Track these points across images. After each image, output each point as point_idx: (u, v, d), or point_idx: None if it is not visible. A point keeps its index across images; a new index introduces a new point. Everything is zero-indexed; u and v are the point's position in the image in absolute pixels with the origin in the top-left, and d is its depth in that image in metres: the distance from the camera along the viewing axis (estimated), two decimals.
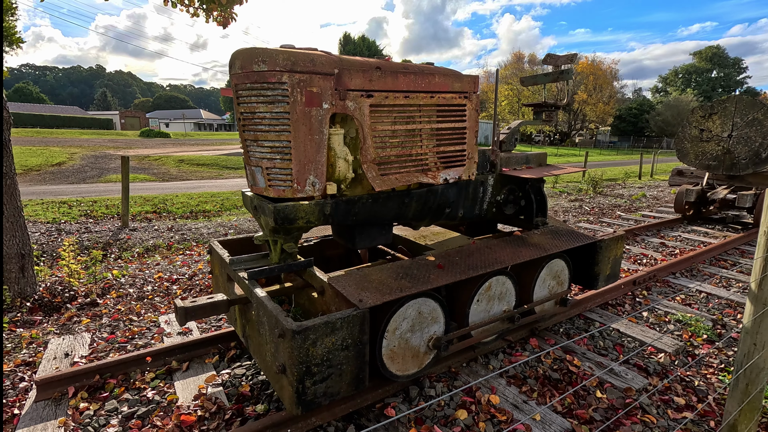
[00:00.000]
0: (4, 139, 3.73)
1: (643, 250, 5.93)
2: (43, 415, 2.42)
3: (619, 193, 12.53)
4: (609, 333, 3.52)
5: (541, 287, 3.28)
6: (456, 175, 3.01)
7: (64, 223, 7.88)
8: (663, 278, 4.77)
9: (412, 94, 2.67)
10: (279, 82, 2.18)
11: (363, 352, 2.16)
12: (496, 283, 2.96)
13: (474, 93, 3.00)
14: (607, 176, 18.53)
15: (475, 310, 2.88)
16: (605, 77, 51.55)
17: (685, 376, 2.99)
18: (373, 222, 2.77)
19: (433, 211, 3.03)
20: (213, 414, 2.43)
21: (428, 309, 2.60)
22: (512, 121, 4.02)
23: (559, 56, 4.02)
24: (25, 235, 4.01)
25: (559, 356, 3.11)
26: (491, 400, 2.59)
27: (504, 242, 3.16)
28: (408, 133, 2.70)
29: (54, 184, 13.56)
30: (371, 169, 2.53)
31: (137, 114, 66.38)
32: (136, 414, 2.43)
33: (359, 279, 2.41)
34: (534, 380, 2.83)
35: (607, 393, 2.72)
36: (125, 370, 2.84)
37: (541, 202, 3.69)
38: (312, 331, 1.96)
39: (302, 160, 2.31)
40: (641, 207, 10.00)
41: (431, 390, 2.69)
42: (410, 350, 2.57)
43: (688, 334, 3.55)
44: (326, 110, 2.33)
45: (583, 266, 3.56)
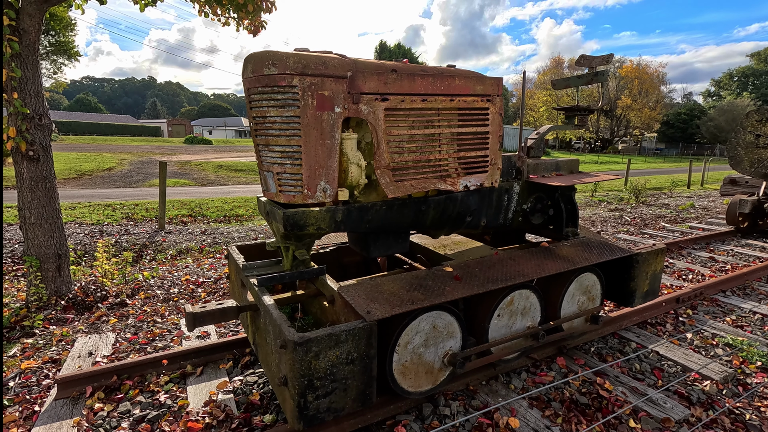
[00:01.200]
0: (43, 146, 3.93)
1: (689, 264, 5.49)
2: (60, 414, 2.48)
3: (664, 203, 11.79)
4: (647, 355, 3.23)
5: (569, 303, 3.06)
6: (478, 182, 2.87)
7: (107, 225, 8.28)
8: (711, 296, 4.37)
9: (431, 98, 2.56)
10: (289, 85, 2.14)
11: (370, 367, 2.06)
12: (519, 297, 2.78)
13: (497, 96, 2.86)
14: (651, 185, 17.55)
15: (496, 325, 2.71)
16: (651, 81, 49.19)
17: (735, 407, 2.68)
18: (387, 230, 2.68)
19: (453, 220, 2.89)
20: (220, 422, 2.39)
21: (443, 323, 2.46)
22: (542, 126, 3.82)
23: (594, 57, 3.79)
24: (62, 236, 4.20)
25: (588, 378, 2.88)
26: (510, 424, 2.41)
27: (529, 254, 2.97)
28: (426, 137, 2.59)
29: (103, 188, 14.38)
30: (385, 175, 2.43)
31: (183, 122, 69.72)
32: (146, 418, 2.44)
33: (370, 289, 2.32)
34: (559, 404, 2.62)
35: (641, 423, 2.47)
36: (142, 372, 2.87)
37: (572, 212, 3.47)
38: (315, 344, 1.88)
39: (313, 165, 2.25)
40: (689, 218, 9.34)
41: (446, 409, 2.54)
42: (423, 366, 2.44)
43: (739, 360, 3.21)
44: (338, 114, 2.26)
45: (617, 281, 3.30)
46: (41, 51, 17.09)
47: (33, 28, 3.77)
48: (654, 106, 49.48)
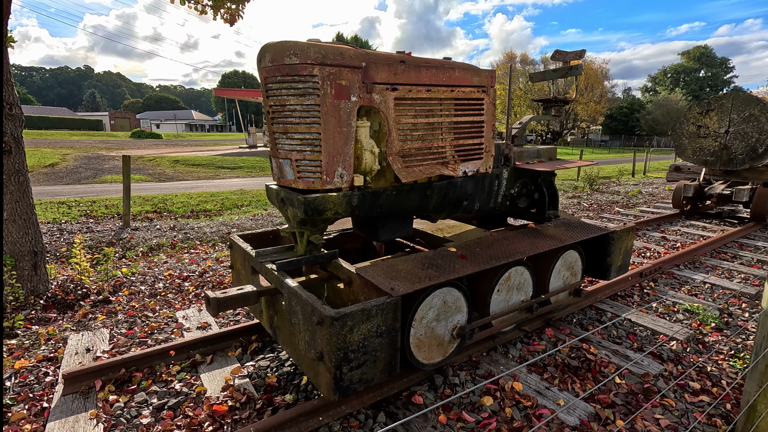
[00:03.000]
0: (14, 137, 3.72)
1: (646, 243, 6.05)
2: (72, 408, 2.43)
3: (615, 190, 12.70)
4: (621, 323, 3.60)
5: (556, 278, 3.35)
6: (474, 168, 3.06)
7: (65, 223, 7.82)
8: (668, 270, 4.87)
9: (434, 88, 2.72)
10: (310, 74, 2.22)
11: (395, 339, 2.20)
12: (515, 273, 3.02)
13: (491, 87, 3.06)
14: (601, 174, 18.76)
15: (496, 300, 2.94)
16: (596, 77, 52.07)
17: (698, 362, 3.07)
18: (395, 214, 2.81)
19: (452, 204, 3.08)
20: (243, 404, 2.46)
21: (453, 298, 2.65)
22: (523, 117, 4.09)
23: (568, 53, 4.10)
24: (37, 232, 3.99)
25: (575, 345, 3.18)
26: (515, 387, 2.65)
27: (521, 234, 3.22)
28: (429, 126, 2.75)
29: (49, 185, 13.40)
30: (396, 161, 2.57)
31: (127, 115, 65.68)
32: (166, 405, 2.45)
33: (387, 269, 2.45)
34: (554, 368, 2.89)
35: (625, 379, 2.79)
36: (150, 363, 2.85)
37: (553, 196, 3.76)
38: (349, 318, 1.99)
39: (331, 152, 2.34)
40: (638, 203, 10.16)
41: (455, 378, 2.74)
42: (435, 339, 2.62)
43: (697, 322, 3.65)
44: (354, 103, 2.37)
45: (595, 257, 3.63)
46: None
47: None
48: (599, 100, 52.46)
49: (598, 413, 2.45)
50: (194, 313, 3.71)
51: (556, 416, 2.41)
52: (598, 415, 2.44)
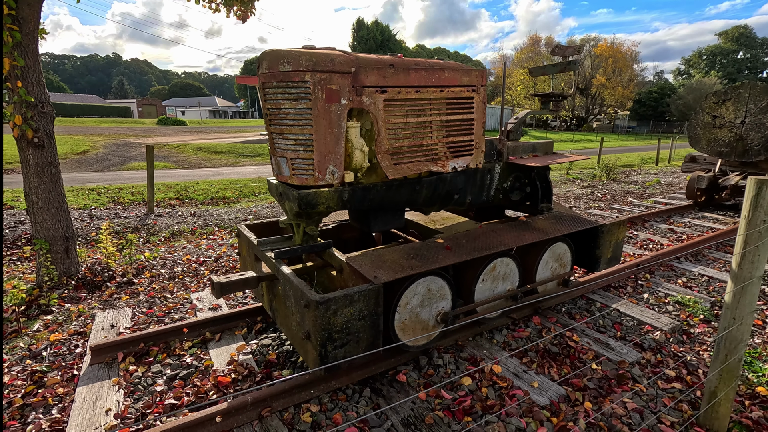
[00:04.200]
0: (47, 133, 4.07)
1: (651, 235, 6.07)
2: (98, 376, 2.78)
3: (633, 179, 12.50)
4: (609, 313, 3.73)
5: (543, 269, 3.50)
6: (464, 164, 3.23)
7: (95, 209, 8.34)
8: (667, 263, 4.93)
9: (423, 89, 2.88)
10: (302, 81, 2.42)
11: (377, 323, 2.43)
12: (501, 264, 3.20)
13: (481, 86, 3.19)
14: (622, 162, 18.38)
15: (481, 288, 3.13)
16: (625, 60, 50.26)
17: (678, 351, 3.20)
18: (386, 207, 3.02)
19: (443, 198, 3.26)
20: (245, 377, 2.75)
21: (437, 286, 2.86)
22: (521, 110, 4.18)
23: (567, 47, 4.16)
24: (68, 219, 4.38)
25: (559, 332, 3.35)
26: (494, 369, 2.85)
27: (509, 226, 3.38)
28: (419, 125, 2.92)
29: (80, 172, 14.13)
30: (385, 158, 2.76)
31: (154, 102, 67.45)
32: (178, 376, 2.77)
33: (374, 259, 2.68)
34: (534, 353, 3.08)
35: (602, 365, 2.95)
36: (165, 339, 3.18)
37: (547, 189, 3.89)
38: (333, 303, 2.23)
39: (323, 151, 2.56)
40: (654, 193, 10.02)
41: (439, 360, 2.96)
42: (420, 323, 2.84)
43: (686, 314, 3.74)
44: (344, 105, 2.56)
45: (585, 250, 3.76)
46: None
47: (32, 16, 3.86)
48: (627, 84, 50.73)
49: (568, 395, 2.63)
50: (207, 296, 4.03)
51: (529, 397, 2.61)
52: (569, 396, 2.62)
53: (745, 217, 2.20)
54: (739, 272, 2.25)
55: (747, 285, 2.23)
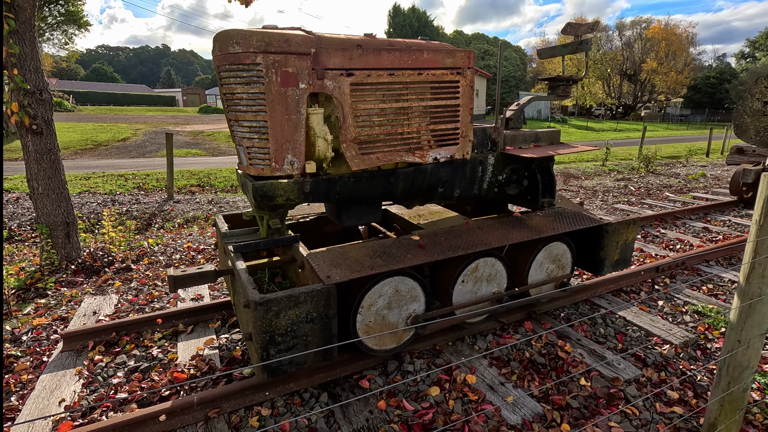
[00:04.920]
0: (45, 120, 4.13)
1: (681, 234, 5.51)
2: (64, 364, 2.78)
3: (675, 172, 11.56)
4: (614, 321, 3.37)
5: (537, 270, 3.19)
6: (448, 154, 2.96)
7: (119, 194, 8.63)
8: (694, 266, 4.43)
9: (398, 72, 2.63)
10: (253, 63, 2.24)
11: (329, 326, 2.26)
12: (484, 264, 2.92)
13: (468, 69, 2.90)
14: (668, 153, 17.13)
15: (460, 290, 2.88)
16: (680, 43, 46.72)
17: (688, 369, 2.82)
18: (358, 200, 2.82)
19: (424, 191, 3.01)
20: (204, 373, 2.66)
21: (406, 287, 2.64)
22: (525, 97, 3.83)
23: (580, 25, 3.74)
24: (69, 205, 4.47)
25: (551, 341, 3.05)
26: (467, 380, 2.61)
27: (499, 223, 3.09)
28: (393, 111, 2.68)
29: (117, 158, 14.77)
30: (351, 148, 2.55)
31: (197, 91, 69.74)
32: (139, 368, 2.72)
33: (336, 256, 2.49)
34: (517, 363, 2.81)
35: (592, 381, 2.64)
36: (138, 329, 3.15)
37: (549, 183, 3.54)
38: (274, 303, 2.07)
39: (279, 139, 2.38)
40: (696, 188, 9.19)
41: (410, 365, 2.75)
42: (387, 326, 2.64)
43: (705, 326, 3.32)
44: (303, 90, 2.37)
45: (588, 250, 3.40)
46: (52, 22, 17.18)
47: (28, 4, 3.89)
48: (681, 69, 47.21)
49: (545, 414, 2.36)
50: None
51: (499, 414, 2.36)
52: (545, 416, 2.35)
53: (755, 222, 1.83)
54: (747, 287, 1.89)
55: (756, 303, 1.87)
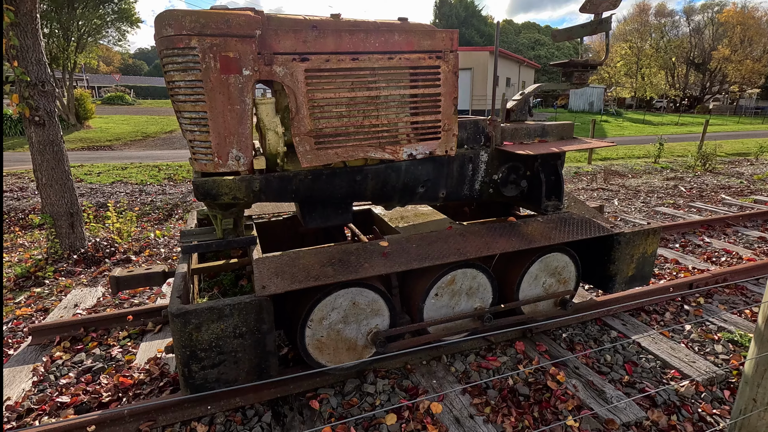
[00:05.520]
0: (47, 111, 4.19)
1: (730, 245, 4.76)
2: (26, 359, 2.75)
3: (739, 171, 10.30)
4: (625, 347, 2.89)
5: (531, 285, 2.78)
6: (426, 150, 2.61)
7: (149, 184, 8.90)
8: (738, 284, 3.78)
9: (363, 56, 2.32)
10: (188, 47, 2.02)
11: (262, 342, 2.02)
12: (463, 276, 2.56)
13: (451, 52, 2.52)
14: (734, 150, 15.43)
15: (434, 305, 2.54)
16: (758, 27, 42.09)
17: (708, 414, 2.33)
18: (322, 200, 2.55)
19: (400, 191, 2.69)
20: (153, 379, 2.52)
21: (366, 300, 2.35)
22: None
23: (601, 2, 3.22)
24: (73, 196, 4.54)
25: (543, 367, 2.64)
26: (431, 409, 2.29)
27: (486, 230, 2.70)
28: (358, 101, 2.37)
29: (161, 150, 15.42)
30: (305, 142, 2.28)
31: None
32: (92, 369, 2.63)
33: (284, 262, 2.24)
34: (496, 392, 2.44)
35: (581, 423, 2.23)
36: (107, 325, 3.08)
37: (555, 183, 3.09)
38: (194, 316, 1.86)
39: (221, 132, 2.15)
40: (761, 189, 8.09)
41: (372, 386, 2.46)
42: (344, 342, 2.37)
43: (739, 359, 2.77)
44: (247, 77, 2.12)
45: (597, 264, 2.93)
46: (106, 19, 18.13)
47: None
48: (759, 57, 42.54)
49: None
50: None
51: None
52: None
53: None
54: (766, 331, 1.43)
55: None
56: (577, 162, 12.13)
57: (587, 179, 9.41)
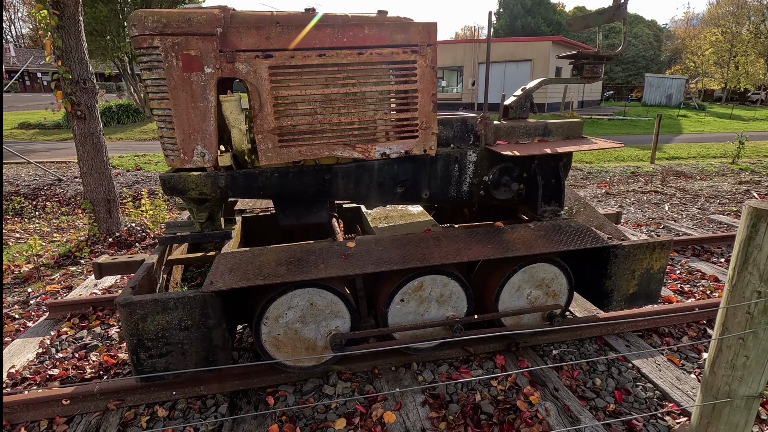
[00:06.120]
0: (88, 106, 4.58)
1: None
2: (39, 331, 3.05)
3: None
4: (622, 371, 2.60)
5: (513, 296, 2.58)
6: (402, 149, 2.51)
7: None
8: None
9: (330, 52, 2.26)
10: (151, 46, 2.09)
11: (209, 336, 2.06)
12: (432, 283, 2.44)
13: (428, 45, 2.39)
14: None
15: (400, 311, 2.45)
16: None
17: None
18: (294, 198, 2.55)
19: (376, 191, 2.61)
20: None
21: (324, 301, 2.31)
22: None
23: None
24: (110, 184, 4.95)
25: (518, 385, 2.45)
26: (384, 418, 2.21)
27: (466, 235, 2.55)
28: (326, 98, 2.33)
29: None
30: (268, 139, 2.28)
31: None
32: (88, 346, 2.85)
33: (244, 259, 2.27)
34: (459, 407, 2.30)
35: None
36: (113, 307, 3.33)
37: (554, 187, 2.85)
38: (138, 307, 1.94)
39: (186, 129, 2.21)
40: None
41: (332, 388, 2.44)
42: (302, 342, 2.36)
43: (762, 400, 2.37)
44: (209, 75, 2.16)
45: (594, 278, 2.66)
46: None
47: (71, 1, 4.30)
48: None
49: None
50: None
51: None
52: None
53: (729, 279, 1.13)
54: (712, 379, 1.20)
55: (722, 406, 1.18)
56: (638, 161, 11.13)
57: (644, 180, 8.61)
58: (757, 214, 1.01)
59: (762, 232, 1.00)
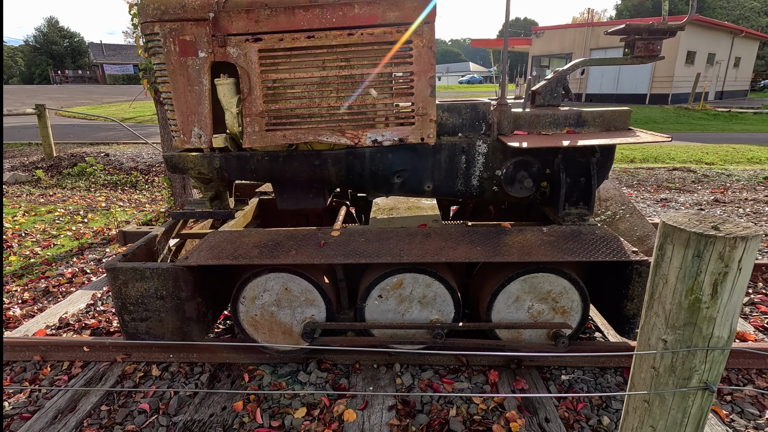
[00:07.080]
0: None
1: None
2: (97, 286, 3.54)
3: None
4: None
5: (509, 306, 2.28)
6: (396, 137, 2.35)
7: None
8: None
9: (319, 33, 2.20)
10: (153, 33, 2.24)
11: (182, 308, 2.18)
12: (413, 282, 2.26)
13: (425, 24, 2.18)
14: None
15: (378, 307, 2.32)
16: None
17: None
18: (290, 183, 2.55)
19: (371, 180, 2.49)
20: None
21: (299, 288, 2.29)
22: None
23: None
24: None
25: (504, 408, 2.17)
26: (344, 415, 2.13)
27: (459, 234, 2.31)
28: (315, 81, 2.27)
29: None
30: (255, 122, 2.31)
31: None
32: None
33: (227, 239, 2.34)
34: (427, 419, 2.12)
35: None
36: None
37: (582, 186, 2.44)
38: (121, 273, 2.12)
39: (184, 111, 2.34)
40: None
41: (309, 375, 2.42)
42: (279, 325, 2.37)
43: None
44: (203, 59, 2.25)
45: (613, 298, 2.22)
46: None
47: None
48: None
49: None
50: None
51: None
52: None
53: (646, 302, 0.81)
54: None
55: None
56: (762, 165, 9.07)
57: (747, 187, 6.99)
58: (664, 231, 0.69)
59: (668, 256, 0.68)
